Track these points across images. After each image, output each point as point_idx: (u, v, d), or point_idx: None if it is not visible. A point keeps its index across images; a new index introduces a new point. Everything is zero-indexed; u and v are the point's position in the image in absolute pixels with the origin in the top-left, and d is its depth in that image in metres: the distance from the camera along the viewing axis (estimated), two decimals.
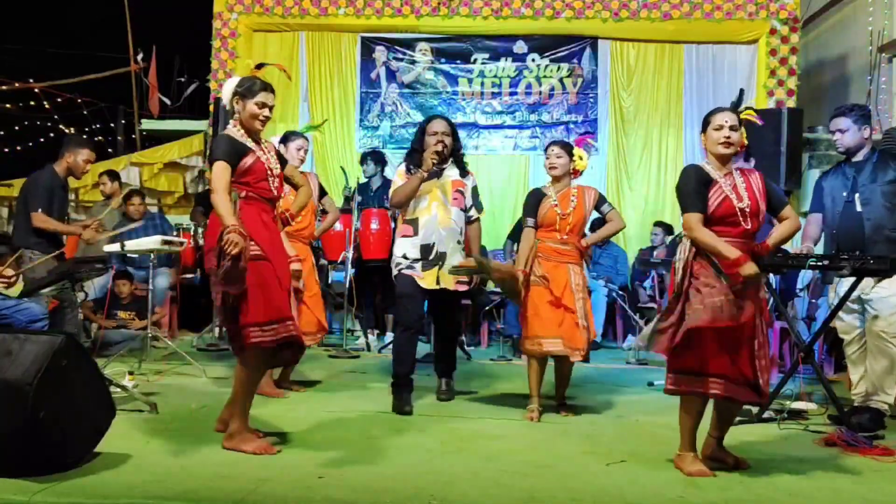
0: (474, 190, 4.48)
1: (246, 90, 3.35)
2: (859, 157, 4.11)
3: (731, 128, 3.17)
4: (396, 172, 4.40)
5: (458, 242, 4.33)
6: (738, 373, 3.05)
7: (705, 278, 3.06)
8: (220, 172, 3.25)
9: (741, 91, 3.58)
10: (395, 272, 4.34)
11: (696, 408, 3.13)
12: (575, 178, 4.32)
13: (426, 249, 4.25)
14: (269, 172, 3.34)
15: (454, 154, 4.37)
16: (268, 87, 3.37)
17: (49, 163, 5.23)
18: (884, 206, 4.00)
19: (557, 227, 4.18)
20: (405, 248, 4.30)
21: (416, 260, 4.26)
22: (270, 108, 3.38)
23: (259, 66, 3.51)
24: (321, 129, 7.16)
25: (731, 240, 3.07)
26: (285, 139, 4.71)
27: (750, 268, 2.99)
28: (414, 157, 4.30)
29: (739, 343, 3.05)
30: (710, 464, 3.16)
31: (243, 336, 3.20)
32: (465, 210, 4.41)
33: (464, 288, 4.34)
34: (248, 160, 3.30)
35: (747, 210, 3.12)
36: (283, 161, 3.57)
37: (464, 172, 4.43)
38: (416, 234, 4.28)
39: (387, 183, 6.83)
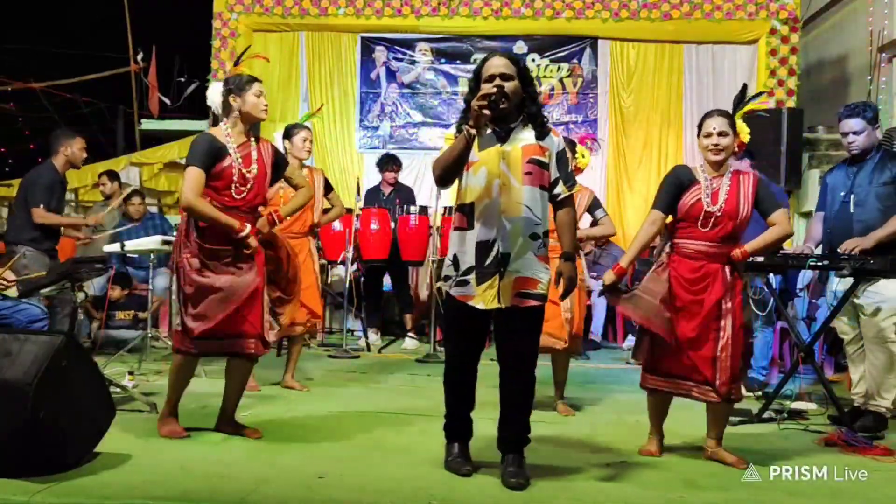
0: (560, 156, 2.99)
1: (241, 85, 3.39)
2: (866, 156, 4.05)
3: (720, 134, 3.24)
4: (444, 137, 3.06)
5: (533, 238, 2.91)
6: (693, 372, 3.20)
7: (652, 283, 3.27)
8: (194, 179, 3.27)
9: (744, 86, 3.57)
10: (444, 286, 3.04)
11: (653, 400, 3.40)
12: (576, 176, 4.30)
13: (483, 250, 2.89)
14: (236, 179, 3.32)
15: (526, 107, 2.97)
16: (256, 79, 3.46)
17: (46, 160, 5.23)
18: (878, 208, 3.94)
19: None
20: (457, 248, 2.97)
21: (468, 269, 2.92)
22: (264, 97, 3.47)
23: (236, 64, 3.58)
24: (320, 115, 7.19)
25: (699, 241, 3.23)
26: (288, 134, 4.70)
27: (608, 277, 3.31)
28: (467, 116, 2.89)
29: (697, 342, 3.18)
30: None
31: (173, 335, 3.42)
32: (548, 188, 2.98)
33: (533, 303, 2.93)
34: (222, 164, 3.31)
35: (718, 214, 3.20)
36: (280, 163, 3.56)
37: (542, 133, 2.96)
38: (470, 226, 2.93)
39: None
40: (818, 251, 4.17)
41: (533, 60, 8.31)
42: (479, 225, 2.90)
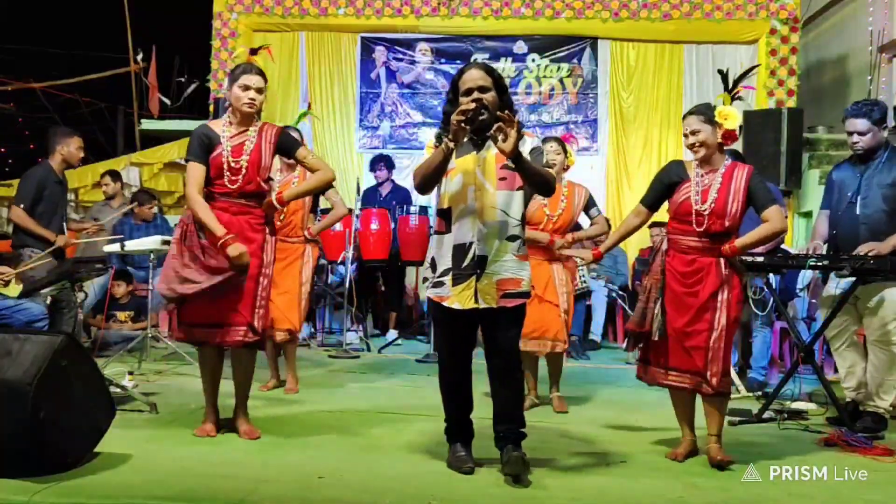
0: (534, 153, 3.06)
1: (233, 76, 3.43)
2: (873, 155, 3.98)
3: (692, 133, 3.26)
4: (426, 146, 3.13)
5: (510, 239, 3.00)
6: (690, 365, 3.22)
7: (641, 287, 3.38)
8: (193, 174, 3.36)
9: (724, 73, 3.54)
10: (422, 287, 3.31)
11: (673, 397, 3.37)
12: (565, 174, 4.31)
13: (460, 252, 3.00)
14: (225, 168, 3.37)
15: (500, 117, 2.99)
16: (252, 70, 3.42)
17: (43, 160, 5.23)
18: (883, 210, 3.90)
19: (543, 227, 4.18)
20: (436, 251, 3.09)
21: (445, 271, 3.02)
22: (257, 91, 3.40)
23: (253, 52, 3.58)
24: (311, 113, 7.19)
25: (692, 238, 3.24)
26: None
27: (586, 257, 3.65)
28: (447, 126, 2.97)
29: (690, 334, 3.21)
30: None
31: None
32: (522, 187, 3.06)
33: (515, 303, 3.02)
34: (213, 153, 3.38)
35: (706, 212, 3.20)
36: (285, 146, 3.54)
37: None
38: (448, 229, 3.04)
39: None
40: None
41: (533, 60, 8.32)
42: (456, 228, 3.02)
